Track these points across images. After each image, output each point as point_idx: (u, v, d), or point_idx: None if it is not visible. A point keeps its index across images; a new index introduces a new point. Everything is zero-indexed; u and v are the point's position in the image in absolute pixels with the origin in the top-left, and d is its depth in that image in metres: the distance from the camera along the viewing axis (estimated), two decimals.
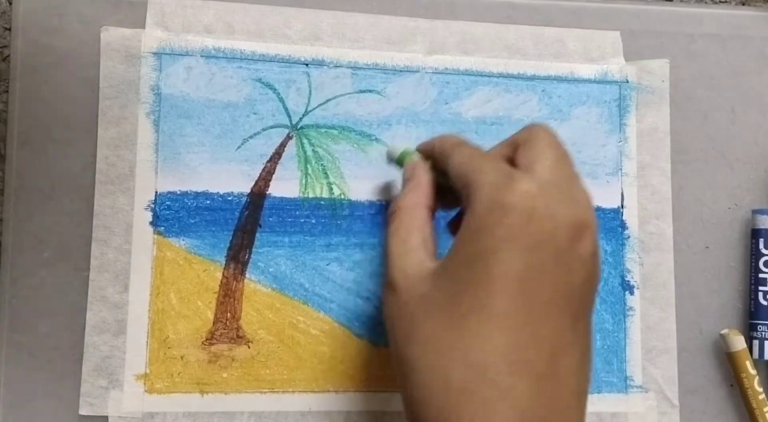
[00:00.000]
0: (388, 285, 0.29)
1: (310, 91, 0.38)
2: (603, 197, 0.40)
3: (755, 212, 0.40)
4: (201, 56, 0.37)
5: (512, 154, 0.30)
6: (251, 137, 0.37)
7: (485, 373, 0.25)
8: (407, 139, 0.38)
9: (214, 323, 0.36)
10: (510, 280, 0.25)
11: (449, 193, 0.32)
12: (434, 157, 0.33)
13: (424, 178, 0.32)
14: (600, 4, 0.41)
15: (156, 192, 0.36)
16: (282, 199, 0.37)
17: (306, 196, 0.37)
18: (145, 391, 0.35)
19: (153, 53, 0.37)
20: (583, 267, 0.27)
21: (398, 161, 0.35)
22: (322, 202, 0.38)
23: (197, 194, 0.37)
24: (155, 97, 0.37)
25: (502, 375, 0.25)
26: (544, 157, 0.29)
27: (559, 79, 0.40)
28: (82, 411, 0.35)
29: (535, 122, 0.32)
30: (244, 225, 0.37)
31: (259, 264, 0.37)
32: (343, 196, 0.38)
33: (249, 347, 0.36)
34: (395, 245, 0.30)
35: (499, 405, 0.24)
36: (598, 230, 0.28)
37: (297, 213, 0.37)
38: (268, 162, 0.37)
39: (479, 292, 0.25)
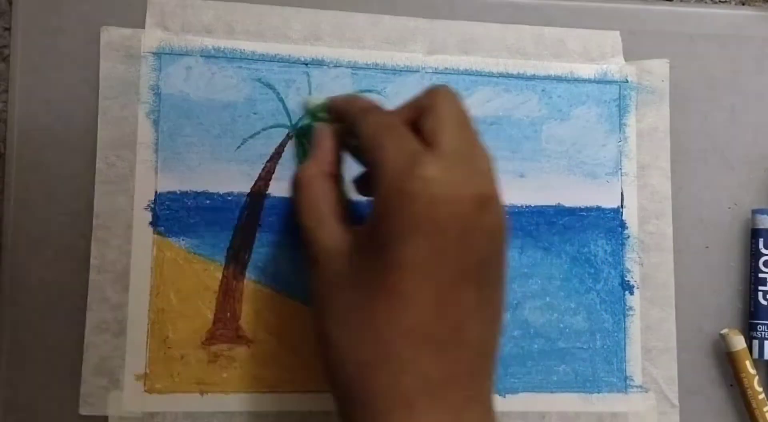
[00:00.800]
0: (311, 261, 0.30)
1: (310, 91, 0.38)
2: (603, 197, 0.40)
3: (755, 212, 0.40)
4: (201, 56, 0.37)
5: (416, 118, 0.30)
6: (251, 137, 0.37)
7: (391, 348, 0.27)
8: None
9: (214, 323, 0.36)
10: (414, 265, 0.27)
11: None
12: (344, 120, 0.34)
13: (326, 145, 0.33)
14: (600, 4, 0.41)
15: (156, 192, 0.36)
16: (282, 198, 0.37)
17: None
18: (145, 391, 0.35)
19: (153, 53, 0.37)
20: (487, 238, 0.28)
21: (310, 115, 0.36)
22: None
23: (197, 194, 0.37)
24: (155, 97, 0.37)
25: (406, 349, 0.27)
26: (447, 125, 0.29)
27: (559, 79, 0.40)
28: (82, 411, 0.35)
29: (436, 85, 0.32)
30: (244, 225, 0.37)
31: (259, 264, 0.37)
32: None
33: (249, 347, 0.36)
34: (307, 218, 0.31)
35: (404, 375, 0.26)
36: (500, 196, 0.29)
37: None
38: (268, 162, 0.37)
39: (386, 276, 0.27)
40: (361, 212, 0.35)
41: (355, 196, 0.36)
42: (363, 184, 0.36)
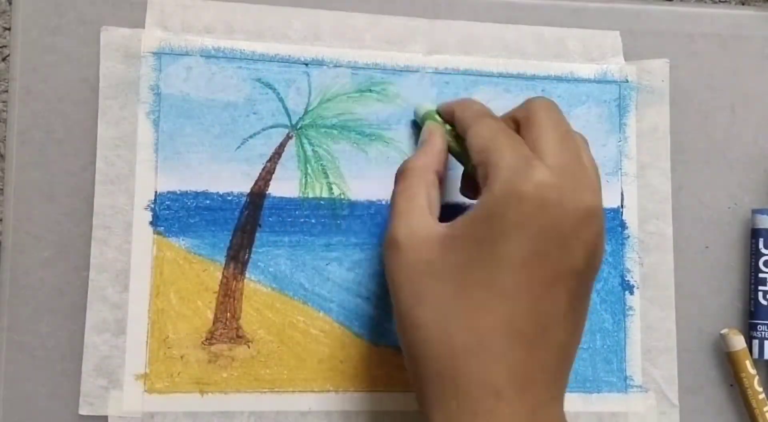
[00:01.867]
0: (392, 243, 0.31)
1: (310, 91, 0.38)
2: (603, 197, 0.39)
3: (755, 212, 0.40)
4: (201, 56, 0.37)
5: (516, 129, 0.32)
6: (251, 137, 0.37)
7: (485, 339, 0.28)
8: (408, 139, 0.38)
9: (214, 323, 0.36)
10: (516, 263, 0.28)
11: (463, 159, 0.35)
12: (454, 122, 0.35)
13: (438, 143, 0.34)
14: (600, 4, 0.41)
15: (156, 192, 0.36)
16: (282, 198, 0.37)
17: (306, 195, 0.37)
18: (145, 391, 0.35)
19: (153, 53, 0.37)
20: (585, 250, 0.29)
21: (422, 120, 0.37)
22: (322, 202, 0.38)
23: (197, 194, 0.37)
24: (155, 97, 0.37)
25: (499, 342, 0.28)
26: (548, 138, 0.30)
27: (559, 79, 0.40)
28: (82, 411, 0.35)
29: (534, 97, 0.33)
30: (243, 225, 0.37)
31: (258, 264, 0.37)
32: (343, 196, 0.38)
33: (249, 347, 0.36)
34: (401, 203, 0.32)
35: (494, 366, 0.28)
36: (602, 212, 0.30)
37: (297, 213, 0.37)
38: (267, 162, 0.37)
39: (486, 270, 0.28)
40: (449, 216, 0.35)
41: (454, 195, 0.37)
42: (463, 185, 0.37)
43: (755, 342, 0.39)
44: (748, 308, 0.40)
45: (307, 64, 0.38)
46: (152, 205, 0.36)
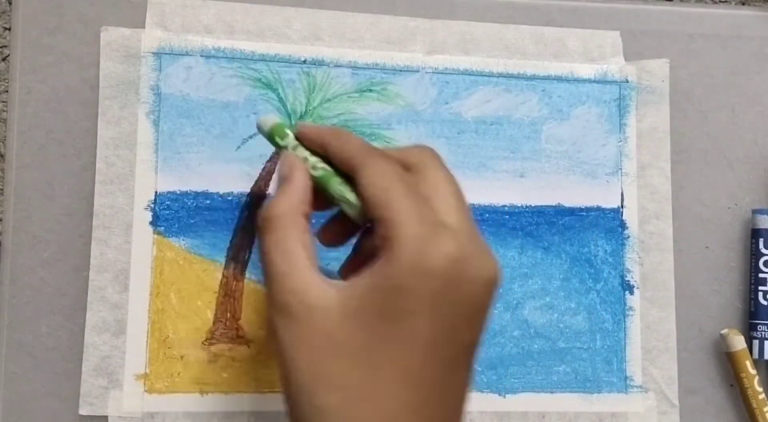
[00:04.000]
0: (283, 311, 0.27)
1: (310, 91, 0.38)
2: (603, 197, 0.40)
3: (755, 212, 0.40)
4: (201, 56, 0.37)
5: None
6: (251, 137, 0.37)
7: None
8: (408, 139, 0.38)
9: (214, 323, 0.36)
10: (425, 342, 0.26)
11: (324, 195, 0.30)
12: (331, 156, 0.30)
13: (301, 181, 0.30)
14: (600, 4, 0.41)
15: (156, 192, 0.36)
16: None
17: None
18: (145, 391, 0.35)
19: (153, 53, 0.37)
20: (485, 320, 0.28)
21: (269, 136, 0.31)
22: None
23: (197, 194, 0.37)
24: (155, 97, 0.37)
25: None
26: (446, 197, 0.28)
27: (559, 79, 0.40)
28: (82, 411, 0.35)
29: (419, 144, 0.31)
30: (244, 225, 0.37)
31: (258, 264, 0.37)
32: None
33: (249, 347, 0.36)
34: (278, 261, 0.28)
35: None
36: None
37: None
38: (268, 162, 0.37)
39: (394, 349, 0.26)
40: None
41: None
42: (331, 231, 0.33)
43: (755, 342, 0.39)
44: (748, 308, 0.40)
45: (307, 64, 0.38)
46: (152, 205, 0.36)
